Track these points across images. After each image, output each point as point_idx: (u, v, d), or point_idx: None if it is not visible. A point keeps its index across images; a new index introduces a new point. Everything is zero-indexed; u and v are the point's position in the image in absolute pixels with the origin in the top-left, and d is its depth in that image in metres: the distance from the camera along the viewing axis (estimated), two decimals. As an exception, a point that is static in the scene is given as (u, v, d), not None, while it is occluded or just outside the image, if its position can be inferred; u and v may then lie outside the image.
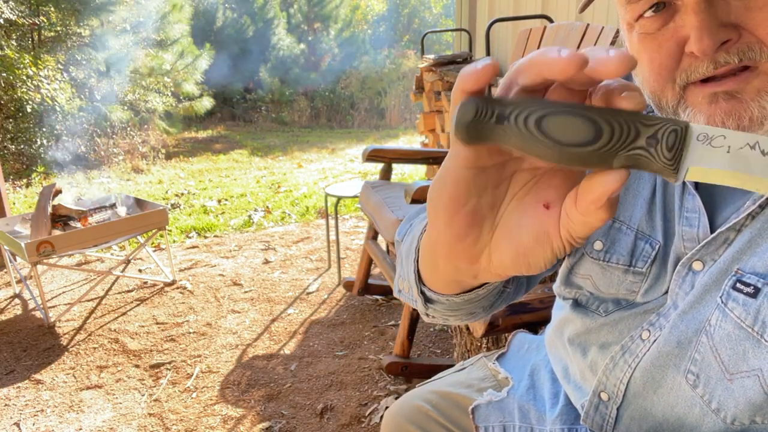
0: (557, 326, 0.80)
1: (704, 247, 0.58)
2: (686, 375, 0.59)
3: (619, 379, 0.66)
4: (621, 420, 0.68)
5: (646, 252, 0.63)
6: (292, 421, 1.80)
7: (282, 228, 3.79)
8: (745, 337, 0.53)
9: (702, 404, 0.58)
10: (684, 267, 0.60)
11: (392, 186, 2.33)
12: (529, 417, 0.84)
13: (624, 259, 0.64)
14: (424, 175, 4.99)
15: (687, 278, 0.60)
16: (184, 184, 5.42)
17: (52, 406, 1.94)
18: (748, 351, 0.53)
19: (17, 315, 2.62)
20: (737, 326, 0.54)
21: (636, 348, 0.64)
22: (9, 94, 5.59)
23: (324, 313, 2.54)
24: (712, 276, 0.56)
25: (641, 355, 0.63)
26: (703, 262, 0.58)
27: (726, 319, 0.54)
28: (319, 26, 11.64)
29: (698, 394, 0.58)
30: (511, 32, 3.57)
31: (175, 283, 2.88)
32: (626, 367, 0.65)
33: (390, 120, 10.55)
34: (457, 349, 1.69)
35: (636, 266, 0.64)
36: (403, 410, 0.94)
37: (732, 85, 0.47)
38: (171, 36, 7.65)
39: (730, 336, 0.54)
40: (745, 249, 0.54)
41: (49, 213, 2.60)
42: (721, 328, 0.55)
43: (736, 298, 0.53)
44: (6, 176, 5.62)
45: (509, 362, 0.96)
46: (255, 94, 10.62)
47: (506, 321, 1.00)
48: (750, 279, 0.53)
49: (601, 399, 0.70)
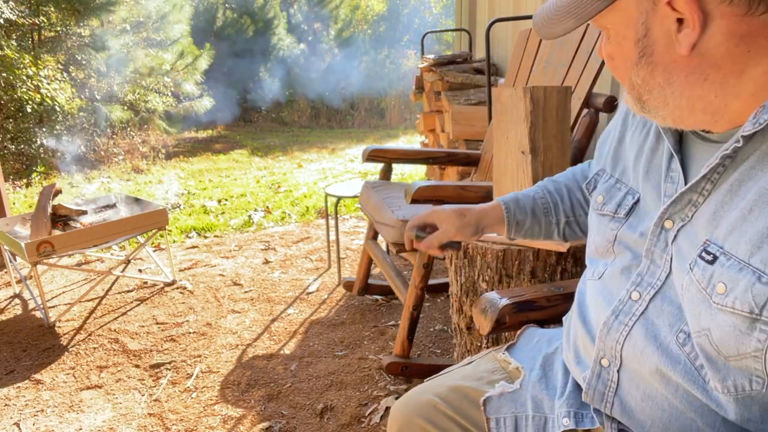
0: (574, 307, 0.87)
1: (672, 205, 0.67)
2: (677, 334, 0.65)
3: (615, 340, 0.72)
4: (621, 383, 0.72)
5: (627, 202, 0.77)
6: (292, 421, 1.80)
7: (282, 228, 3.80)
8: (701, 299, 0.61)
9: (687, 361, 0.64)
10: (657, 226, 0.69)
11: (392, 186, 2.33)
12: (542, 407, 0.85)
13: (611, 208, 0.78)
14: (424, 175, 4.99)
15: (661, 236, 0.69)
16: (184, 184, 5.42)
17: (52, 406, 1.94)
18: (702, 312, 0.61)
19: (17, 315, 2.62)
20: (697, 289, 0.61)
21: (630, 308, 0.71)
22: (9, 94, 5.58)
23: (324, 313, 2.54)
24: (688, 244, 0.65)
25: (638, 314, 0.70)
26: (673, 220, 0.67)
27: (691, 284, 0.62)
28: (319, 26, 11.64)
29: (685, 352, 0.65)
30: (511, 32, 3.57)
31: (175, 283, 2.88)
32: (622, 327, 0.71)
33: (390, 120, 10.55)
34: (457, 349, 1.69)
35: (618, 213, 0.77)
36: (411, 404, 0.94)
37: None
38: (171, 36, 7.65)
39: (693, 299, 0.62)
40: (712, 220, 0.62)
41: (49, 213, 2.60)
42: (689, 291, 0.63)
43: (698, 263, 0.62)
44: (6, 176, 5.62)
45: (519, 353, 0.96)
46: (255, 94, 10.62)
47: (513, 319, 1.00)
48: (712, 248, 0.61)
49: (602, 366, 0.74)
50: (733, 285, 0.57)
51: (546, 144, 1.39)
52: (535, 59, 2.23)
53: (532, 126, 1.36)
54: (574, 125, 1.90)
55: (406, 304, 1.94)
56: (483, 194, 1.75)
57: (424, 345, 2.23)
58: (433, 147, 3.79)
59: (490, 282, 1.41)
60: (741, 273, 0.57)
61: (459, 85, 3.36)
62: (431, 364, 2.00)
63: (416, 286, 1.90)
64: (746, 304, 0.56)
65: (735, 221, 0.59)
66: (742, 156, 0.60)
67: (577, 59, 1.96)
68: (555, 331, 0.98)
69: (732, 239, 0.59)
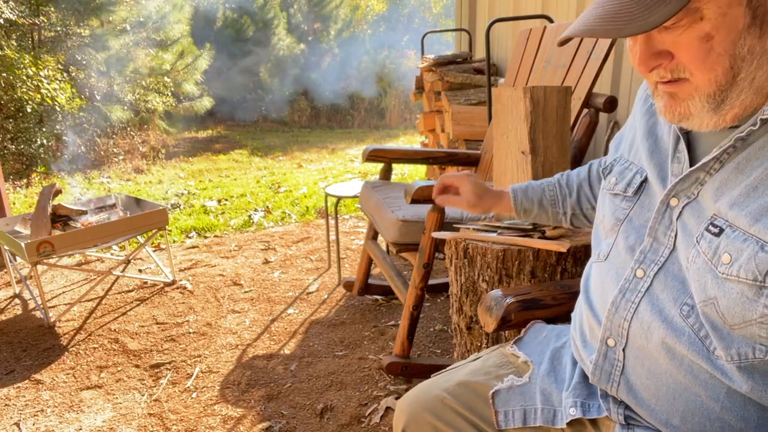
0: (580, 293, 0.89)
1: (679, 183, 0.70)
2: (681, 307, 0.68)
3: (623, 317, 0.74)
4: (627, 362, 0.74)
5: (636, 180, 0.80)
6: (292, 421, 1.80)
7: (282, 228, 3.80)
8: (707, 270, 0.64)
9: (691, 332, 0.67)
10: (663, 204, 0.72)
11: (392, 186, 2.33)
12: (551, 399, 0.85)
13: (621, 187, 0.81)
14: (424, 175, 4.99)
15: (666, 214, 0.72)
16: (184, 184, 5.42)
17: (52, 406, 1.94)
18: (708, 282, 0.64)
19: (17, 315, 2.62)
20: (703, 261, 0.65)
21: (636, 285, 0.74)
22: (9, 94, 5.59)
23: (324, 313, 2.54)
24: (694, 220, 0.68)
25: (643, 291, 0.73)
26: (678, 198, 0.71)
27: (698, 256, 0.66)
28: (319, 26, 11.64)
29: (689, 323, 0.67)
30: (511, 32, 3.57)
31: (175, 283, 2.88)
32: (629, 305, 0.74)
33: (390, 120, 10.55)
34: (457, 349, 1.69)
35: (627, 192, 0.80)
36: (418, 400, 0.94)
37: (672, 88, 0.65)
38: (171, 36, 7.65)
39: (699, 270, 0.65)
40: (717, 195, 0.66)
41: (49, 213, 2.60)
42: (695, 263, 0.66)
43: (705, 236, 0.65)
44: (6, 176, 5.62)
45: (527, 347, 0.97)
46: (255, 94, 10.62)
47: (518, 316, 1.01)
48: (719, 222, 0.64)
49: (608, 346, 0.76)
50: (737, 255, 0.61)
51: (546, 144, 1.39)
52: (535, 59, 2.23)
53: (532, 126, 1.36)
54: (574, 125, 1.90)
55: (406, 304, 1.94)
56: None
57: (424, 345, 2.23)
58: (433, 147, 3.79)
59: (490, 282, 1.41)
60: (745, 243, 0.61)
61: (459, 85, 3.36)
62: (431, 364, 2.00)
63: (416, 286, 1.90)
64: (750, 272, 0.60)
65: (738, 196, 0.63)
66: (753, 138, 0.64)
67: (577, 59, 1.96)
68: (563, 327, 0.99)
69: (734, 212, 0.63)
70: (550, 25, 2.21)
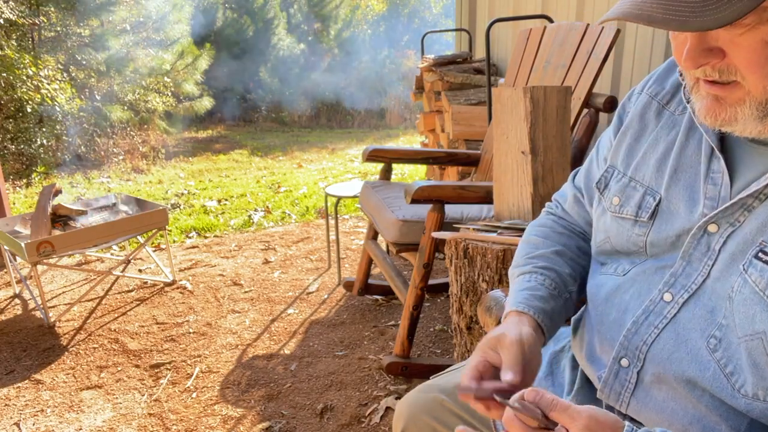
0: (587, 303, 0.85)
1: (722, 211, 0.64)
2: (708, 339, 0.63)
3: (642, 341, 0.70)
4: (640, 384, 0.70)
5: (648, 203, 0.73)
6: (292, 421, 1.80)
7: (282, 228, 3.80)
8: (757, 301, 0.59)
9: (717, 368, 0.62)
10: (700, 230, 0.66)
11: (392, 186, 2.33)
12: None
13: (632, 210, 0.75)
14: (424, 175, 4.99)
15: (702, 240, 0.66)
16: (184, 184, 5.42)
17: (52, 406, 1.94)
18: (756, 314, 0.59)
19: (17, 315, 2.62)
20: (752, 291, 0.59)
21: (662, 309, 0.69)
22: (9, 94, 5.59)
23: (324, 313, 2.54)
24: (738, 246, 0.63)
25: (669, 317, 0.68)
26: (718, 224, 0.65)
27: (745, 285, 0.60)
28: (319, 26, 11.64)
29: (716, 358, 0.63)
30: (511, 32, 3.57)
31: (175, 283, 2.88)
32: (652, 329, 0.69)
33: (390, 120, 10.56)
34: (457, 349, 1.69)
35: (640, 217, 0.74)
36: (418, 402, 0.93)
37: (719, 91, 0.59)
38: (171, 36, 7.65)
39: (746, 300, 0.60)
40: (767, 222, 0.60)
41: (49, 213, 2.60)
42: (741, 293, 0.61)
43: (755, 265, 0.60)
44: (6, 176, 5.62)
45: None
46: (255, 94, 10.62)
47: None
48: None
49: (621, 365, 0.72)
50: None
51: (546, 144, 1.39)
52: (535, 59, 2.23)
53: (532, 126, 1.36)
54: (574, 125, 1.90)
55: (406, 304, 1.94)
56: (483, 194, 1.75)
57: (424, 345, 2.23)
58: (433, 147, 3.79)
59: (490, 282, 1.41)
60: None
61: (459, 85, 3.36)
62: (431, 364, 2.00)
63: (416, 286, 1.90)
64: None
65: None
66: None
67: (577, 59, 1.96)
68: (562, 330, 0.97)
69: None
70: (550, 25, 2.21)
